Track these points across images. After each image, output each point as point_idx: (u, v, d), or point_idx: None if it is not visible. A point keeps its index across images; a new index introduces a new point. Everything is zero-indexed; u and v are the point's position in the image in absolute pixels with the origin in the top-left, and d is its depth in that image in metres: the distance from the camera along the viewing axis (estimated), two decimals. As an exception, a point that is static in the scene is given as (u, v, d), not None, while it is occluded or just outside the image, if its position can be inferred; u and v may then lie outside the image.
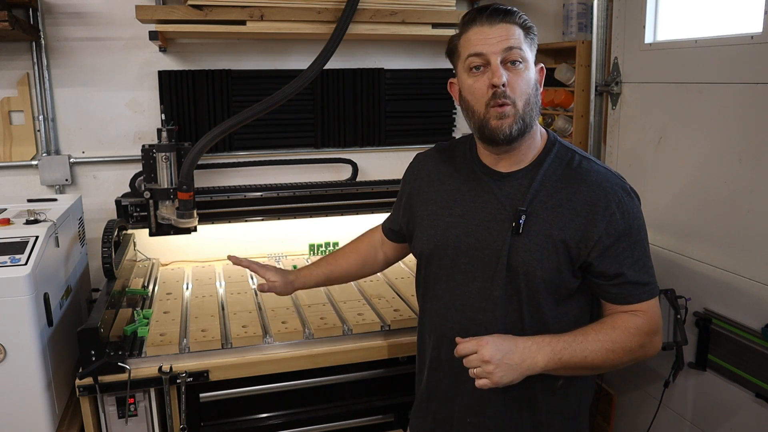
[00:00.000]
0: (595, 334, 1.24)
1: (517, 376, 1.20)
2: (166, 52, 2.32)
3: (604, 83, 2.31)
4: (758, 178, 1.71)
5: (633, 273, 1.26)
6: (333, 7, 2.09)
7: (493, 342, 1.20)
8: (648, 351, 1.29)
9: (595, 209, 1.24)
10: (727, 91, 1.80)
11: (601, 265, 1.26)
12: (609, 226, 1.24)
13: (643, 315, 1.27)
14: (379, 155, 2.62)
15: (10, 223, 1.73)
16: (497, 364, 1.18)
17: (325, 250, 2.57)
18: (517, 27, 1.26)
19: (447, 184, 1.39)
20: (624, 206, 1.25)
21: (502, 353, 1.19)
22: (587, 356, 1.22)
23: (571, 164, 1.30)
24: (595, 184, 1.26)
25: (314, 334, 1.80)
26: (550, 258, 1.25)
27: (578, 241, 1.24)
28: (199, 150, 2.00)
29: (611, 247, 1.24)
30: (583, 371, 1.27)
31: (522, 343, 1.22)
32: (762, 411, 1.73)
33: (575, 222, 1.24)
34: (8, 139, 2.23)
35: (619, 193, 1.26)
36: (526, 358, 1.20)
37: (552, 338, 1.23)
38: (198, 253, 2.50)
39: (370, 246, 1.68)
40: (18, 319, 1.52)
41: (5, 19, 1.79)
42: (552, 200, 1.27)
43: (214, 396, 1.74)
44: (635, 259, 1.26)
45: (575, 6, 2.49)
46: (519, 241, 1.26)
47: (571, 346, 1.22)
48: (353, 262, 1.66)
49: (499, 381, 1.19)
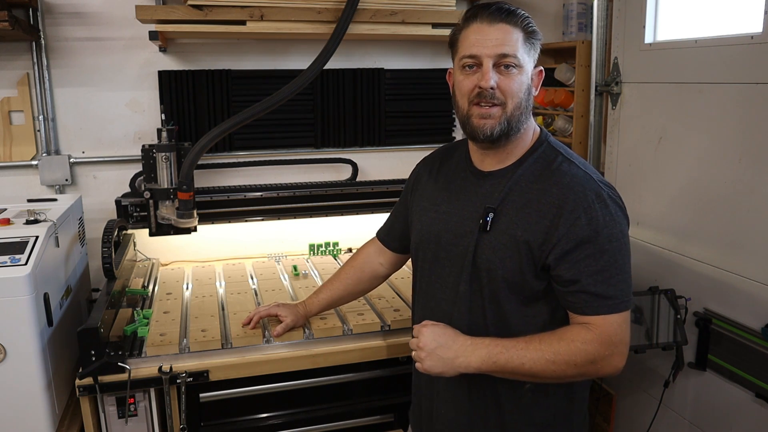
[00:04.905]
0: (538, 343, 1.22)
1: (448, 370, 1.25)
2: (166, 52, 2.32)
3: (604, 83, 2.31)
4: (758, 178, 1.71)
5: (591, 283, 1.20)
6: (333, 7, 2.09)
7: (431, 331, 1.28)
8: (602, 368, 1.22)
9: (560, 212, 1.21)
10: (727, 91, 1.80)
11: (557, 269, 1.23)
12: (571, 231, 1.20)
13: (596, 329, 1.21)
14: (379, 155, 2.62)
15: (10, 223, 1.73)
16: (429, 353, 1.26)
17: (324, 250, 2.57)
18: (518, 29, 1.25)
19: (440, 182, 1.43)
20: (593, 212, 1.20)
21: (437, 344, 1.26)
22: (524, 363, 1.21)
23: (551, 165, 1.28)
24: (566, 187, 1.23)
25: (314, 334, 1.80)
26: (513, 258, 1.25)
27: (541, 243, 1.23)
28: (199, 150, 2.00)
29: (571, 252, 1.20)
30: (524, 377, 1.25)
31: (461, 340, 1.26)
32: (762, 411, 1.73)
33: (540, 224, 1.23)
34: (8, 139, 2.23)
35: (590, 197, 1.21)
36: (459, 355, 1.24)
37: (492, 341, 1.25)
38: (198, 253, 2.49)
39: (365, 261, 1.73)
40: (18, 319, 1.52)
41: (5, 19, 1.79)
42: (522, 200, 1.26)
43: (214, 396, 1.74)
44: (598, 268, 1.20)
45: (575, 6, 2.49)
46: (485, 239, 1.28)
47: (508, 352, 1.22)
48: (352, 277, 1.74)
49: (428, 369, 1.26)
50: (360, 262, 1.74)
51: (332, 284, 1.77)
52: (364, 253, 1.74)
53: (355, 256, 1.77)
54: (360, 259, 1.74)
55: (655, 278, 2.11)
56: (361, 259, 1.74)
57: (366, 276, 1.73)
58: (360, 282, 1.73)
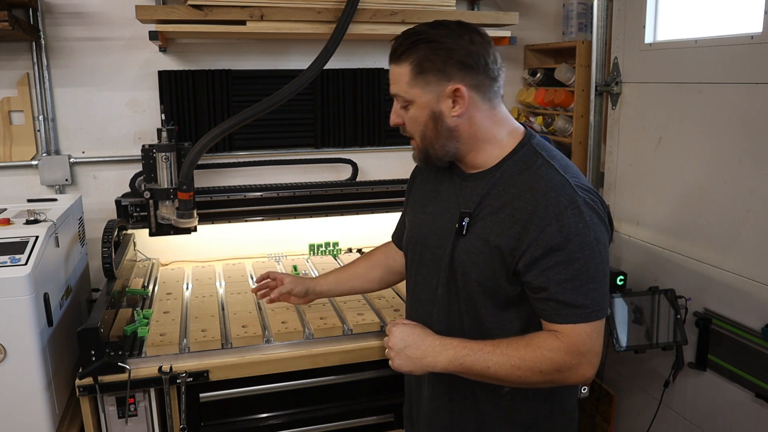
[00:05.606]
0: (505, 348, 1.21)
1: (417, 369, 1.28)
2: (166, 52, 2.32)
3: (604, 83, 2.31)
4: (758, 178, 1.71)
5: (560, 291, 1.18)
6: (333, 7, 2.09)
7: (400, 331, 1.31)
8: (569, 377, 1.20)
9: (531, 218, 1.19)
10: (727, 91, 1.80)
11: (526, 276, 1.21)
12: (541, 237, 1.17)
13: (564, 338, 1.19)
14: (379, 155, 2.62)
15: (10, 223, 1.73)
16: (397, 352, 1.29)
17: (325, 250, 2.57)
18: (407, 66, 1.23)
19: (430, 183, 1.44)
20: (565, 219, 1.17)
21: (405, 344, 1.29)
22: (490, 367, 1.21)
23: (529, 169, 1.25)
24: (539, 192, 1.20)
25: (314, 334, 1.80)
26: (486, 262, 1.25)
27: (512, 249, 1.21)
28: (199, 150, 2.00)
29: (540, 259, 1.18)
30: (490, 380, 1.24)
31: (430, 340, 1.28)
32: (762, 411, 1.73)
33: (513, 229, 1.21)
34: (8, 139, 2.23)
35: (563, 204, 1.17)
36: (427, 354, 1.26)
37: (460, 342, 1.25)
38: (198, 253, 2.49)
39: (383, 253, 1.70)
40: (18, 319, 1.52)
41: (5, 19, 1.79)
42: (497, 204, 1.25)
43: (214, 396, 1.74)
44: (567, 277, 1.17)
45: (575, 6, 2.49)
46: (461, 243, 1.29)
47: (474, 354, 1.22)
48: (361, 266, 1.72)
49: (398, 367, 1.29)
50: (377, 253, 1.72)
51: (344, 267, 1.76)
52: (385, 247, 1.72)
53: (376, 249, 1.74)
54: (378, 251, 1.73)
55: (655, 278, 2.11)
56: (379, 252, 1.72)
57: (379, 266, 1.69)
58: (373, 269, 1.70)
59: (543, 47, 2.62)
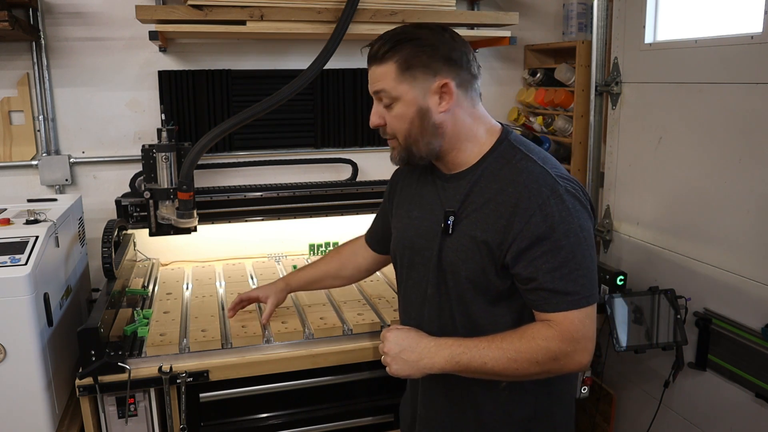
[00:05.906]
0: (500, 342, 1.22)
1: (414, 372, 1.28)
2: (166, 52, 2.32)
3: (604, 83, 2.31)
4: (758, 178, 1.71)
5: (549, 280, 1.19)
6: (333, 7, 2.09)
7: (394, 336, 1.32)
8: (565, 365, 1.21)
9: (515, 210, 1.20)
10: (727, 91, 1.80)
11: (515, 268, 1.22)
12: (526, 228, 1.19)
13: (557, 326, 1.20)
14: (379, 155, 2.62)
15: (10, 223, 1.73)
16: (393, 357, 1.30)
17: (325, 250, 2.57)
18: (392, 64, 1.24)
19: (412, 188, 1.45)
20: (548, 209, 1.18)
21: (401, 348, 1.29)
22: (486, 363, 1.21)
23: (509, 164, 1.26)
24: (521, 185, 1.21)
25: (314, 334, 1.80)
26: (474, 258, 1.26)
27: (499, 243, 1.22)
28: (199, 150, 2.00)
29: (527, 250, 1.20)
30: (488, 376, 1.25)
31: (425, 342, 1.29)
32: (762, 411, 1.73)
33: (498, 223, 1.22)
34: (8, 139, 2.23)
35: (545, 194, 1.19)
36: (423, 356, 1.27)
37: (455, 341, 1.26)
38: (198, 253, 2.49)
39: (352, 251, 1.77)
40: (18, 319, 1.52)
41: (5, 19, 1.79)
42: (480, 200, 1.26)
43: (214, 396, 1.74)
44: (555, 265, 1.18)
45: (575, 6, 2.49)
46: (448, 242, 1.30)
47: (470, 351, 1.23)
48: (333, 264, 1.78)
49: (395, 372, 1.30)
50: (346, 251, 1.78)
51: (317, 265, 1.81)
52: (352, 244, 1.79)
53: (344, 245, 1.82)
54: (347, 249, 1.79)
55: (655, 278, 2.11)
56: (348, 249, 1.79)
57: (350, 265, 1.76)
58: (343, 268, 1.77)
59: (543, 47, 2.62)
